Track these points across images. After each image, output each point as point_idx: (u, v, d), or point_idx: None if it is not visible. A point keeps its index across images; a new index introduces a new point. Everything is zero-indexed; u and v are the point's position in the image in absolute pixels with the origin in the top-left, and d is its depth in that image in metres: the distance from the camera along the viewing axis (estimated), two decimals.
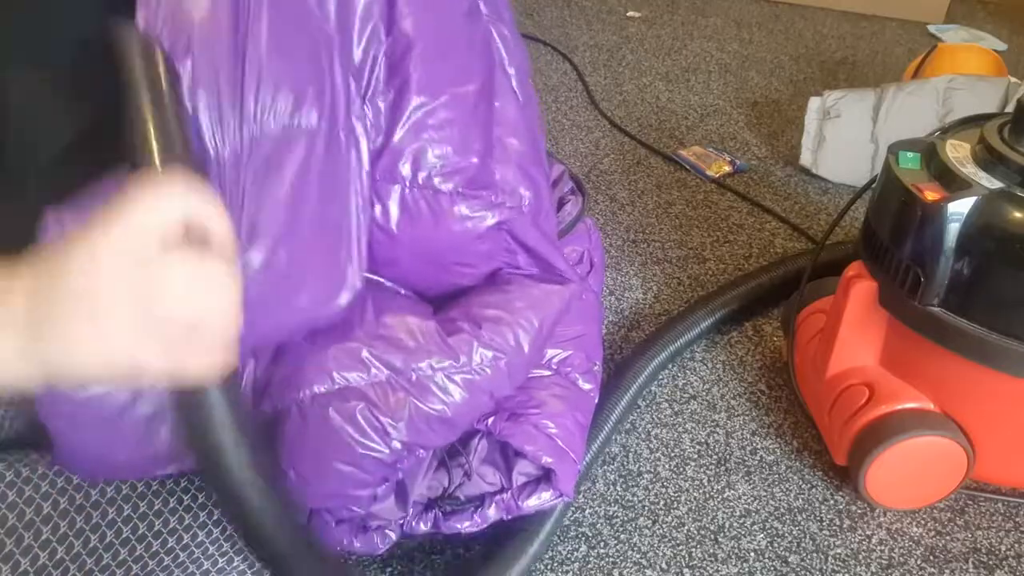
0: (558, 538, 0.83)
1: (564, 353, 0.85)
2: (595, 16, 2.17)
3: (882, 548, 0.84)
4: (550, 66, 1.87)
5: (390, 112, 0.70)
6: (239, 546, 0.71)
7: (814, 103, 1.44)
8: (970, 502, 0.89)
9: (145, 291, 0.39)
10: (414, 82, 0.69)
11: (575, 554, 0.82)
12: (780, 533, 0.85)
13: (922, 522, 0.87)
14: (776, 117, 1.69)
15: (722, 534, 0.85)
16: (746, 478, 0.91)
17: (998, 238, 0.73)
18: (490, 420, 0.76)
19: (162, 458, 0.64)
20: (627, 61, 1.92)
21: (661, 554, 0.83)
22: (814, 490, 0.90)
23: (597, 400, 0.87)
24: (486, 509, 0.75)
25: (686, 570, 0.81)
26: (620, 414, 0.93)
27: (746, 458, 0.93)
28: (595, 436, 0.90)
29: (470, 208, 0.73)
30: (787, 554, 0.83)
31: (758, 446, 0.95)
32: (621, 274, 1.21)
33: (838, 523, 0.87)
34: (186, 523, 0.69)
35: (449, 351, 0.69)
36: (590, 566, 0.81)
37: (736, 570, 0.82)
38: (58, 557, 0.60)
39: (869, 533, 0.86)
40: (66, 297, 0.38)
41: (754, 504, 0.88)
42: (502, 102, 0.77)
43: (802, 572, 0.82)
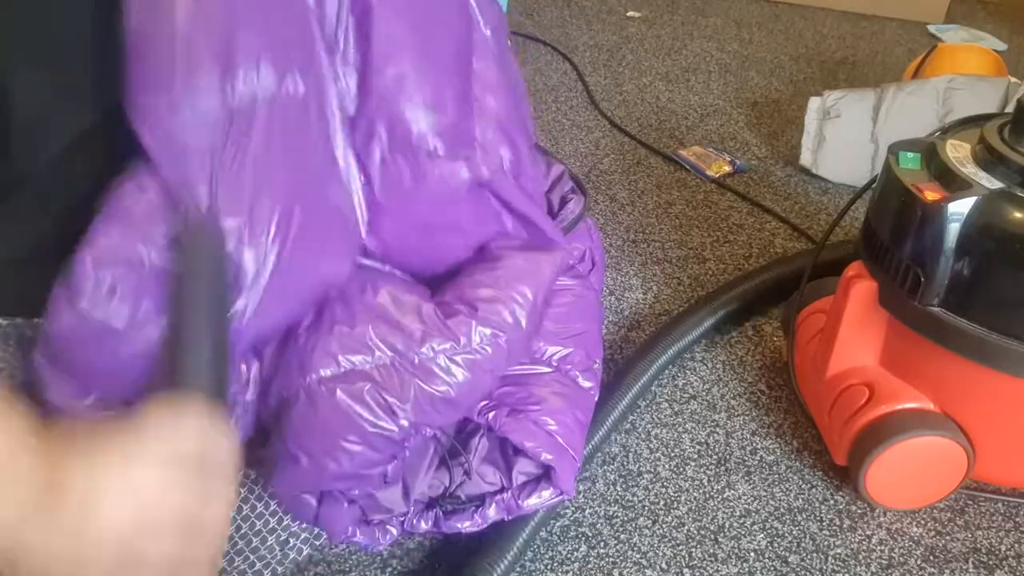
0: (558, 538, 0.84)
1: (565, 350, 0.85)
2: (595, 16, 2.17)
3: (882, 548, 0.84)
4: (550, 66, 1.87)
5: (363, 76, 0.70)
6: (240, 546, 0.72)
7: (814, 103, 1.44)
8: (970, 502, 0.89)
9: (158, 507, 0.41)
10: (385, 42, 0.69)
11: (575, 554, 0.82)
12: (780, 533, 0.85)
13: (922, 522, 0.87)
14: (776, 117, 1.69)
15: (722, 534, 0.85)
16: (746, 478, 0.91)
17: (998, 238, 0.73)
18: (491, 415, 0.76)
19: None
20: (627, 61, 1.92)
21: (661, 554, 0.83)
22: (814, 490, 0.90)
23: (597, 399, 0.87)
24: (487, 509, 0.76)
25: (686, 570, 0.81)
26: (620, 414, 0.93)
27: (746, 458, 0.93)
28: (594, 434, 0.90)
29: (450, 167, 0.72)
30: (787, 554, 0.83)
31: (758, 446, 0.95)
32: (621, 274, 1.21)
33: (838, 523, 0.87)
34: None
35: (449, 333, 0.69)
36: (590, 566, 0.81)
37: (736, 570, 0.82)
38: None
39: (869, 533, 0.86)
40: (83, 483, 0.40)
41: (754, 504, 0.88)
42: (481, 63, 0.77)
43: (802, 572, 0.82)
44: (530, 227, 0.79)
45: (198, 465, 0.43)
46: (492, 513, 0.76)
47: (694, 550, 0.83)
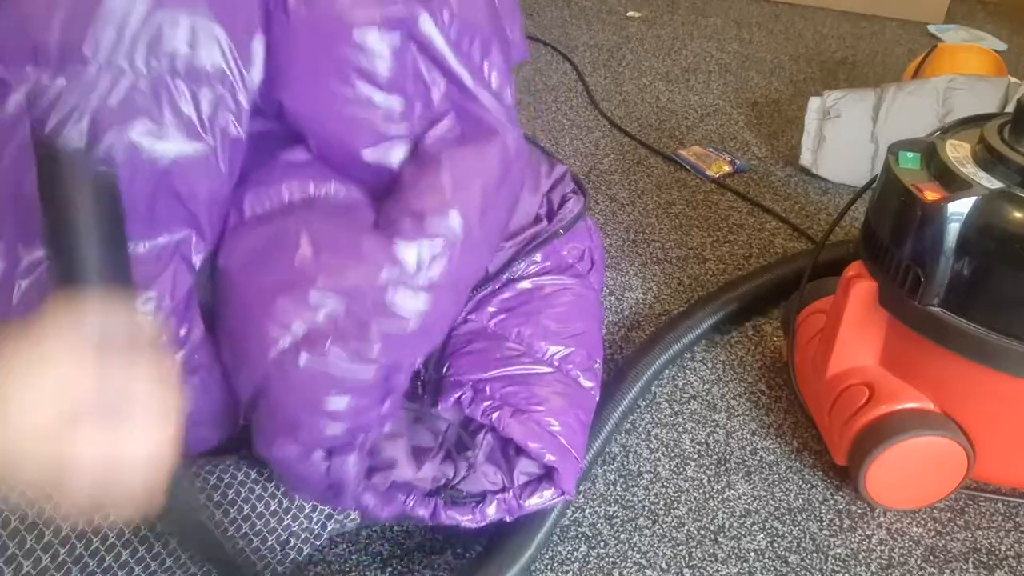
0: (558, 538, 0.84)
1: (566, 350, 0.85)
2: (595, 16, 2.17)
3: (882, 548, 0.84)
4: (550, 66, 1.87)
5: None
6: (240, 547, 0.72)
7: (814, 103, 1.44)
8: (970, 502, 0.89)
9: (72, 434, 0.39)
10: None
11: (575, 554, 0.82)
12: (780, 533, 0.85)
13: (922, 522, 0.87)
14: (776, 117, 1.69)
15: (722, 534, 0.85)
16: (746, 478, 0.91)
17: (998, 238, 0.73)
18: (495, 415, 0.76)
19: None
20: (627, 61, 1.92)
21: (661, 554, 0.83)
22: (814, 490, 0.90)
23: (598, 399, 0.87)
24: (487, 506, 0.75)
25: (686, 570, 0.81)
26: (621, 415, 0.93)
27: (746, 458, 0.93)
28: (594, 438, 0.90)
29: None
30: (787, 554, 0.83)
31: (758, 446, 0.95)
32: (621, 274, 1.21)
33: (838, 523, 0.87)
34: None
35: (394, 261, 0.65)
36: (590, 566, 0.81)
37: (736, 570, 0.82)
38: (60, 559, 0.60)
39: (869, 533, 0.86)
40: None
41: (754, 504, 0.88)
42: None
43: (802, 572, 0.82)
44: (464, 100, 0.73)
45: (112, 348, 0.41)
46: (492, 511, 0.75)
47: (694, 550, 0.83)
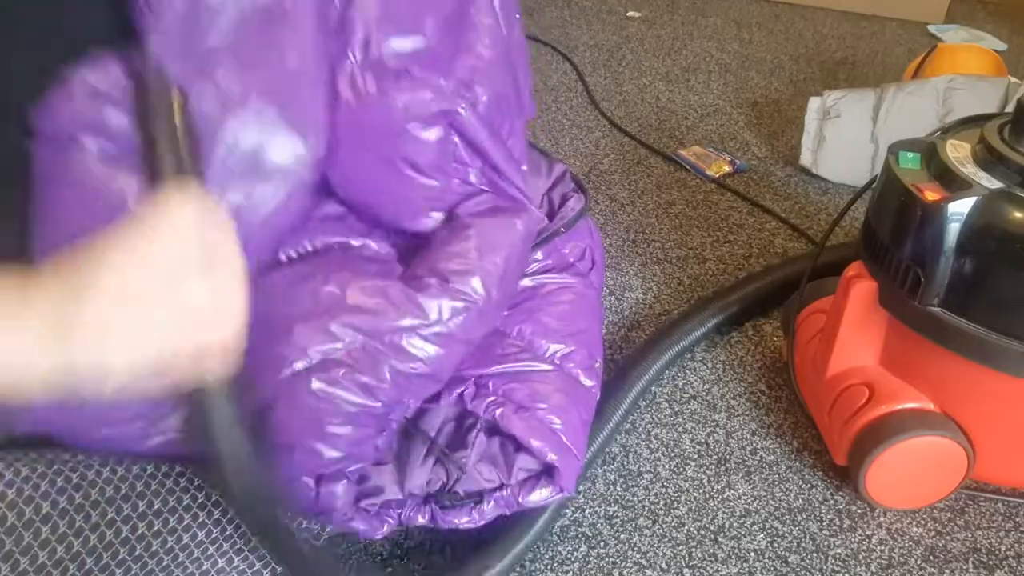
0: (558, 538, 0.84)
1: (566, 348, 0.85)
2: (595, 16, 2.17)
3: (882, 548, 0.84)
4: (550, 66, 1.87)
5: None
6: (239, 546, 0.71)
7: (814, 103, 1.44)
8: (970, 502, 0.89)
9: (175, 296, 0.44)
10: None
11: (575, 554, 0.82)
12: (780, 533, 0.85)
13: (922, 522, 0.87)
14: (776, 117, 1.69)
15: (722, 534, 0.85)
16: (746, 478, 0.91)
17: (998, 238, 0.73)
18: (498, 412, 0.76)
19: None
20: (627, 61, 1.92)
21: (661, 554, 0.83)
22: (814, 490, 0.90)
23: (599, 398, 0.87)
24: (484, 505, 0.75)
25: (686, 570, 0.81)
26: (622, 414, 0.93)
27: (746, 458, 0.93)
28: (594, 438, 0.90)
29: (418, 92, 0.72)
30: (787, 554, 0.83)
31: (758, 446, 0.95)
32: (621, 274, 1.21)
33: (838, 523, 0.87)
34: (185, 523, 0.69)
35: (417, 310, 0.70)
36: (590, 566, 0.81)
37: (736, 570, 0.82)
38: (57, 556, 0.60)
39: (869, 533, 0.86)
40: (102, 292, 0.42)
41: (754, 504, 0.88)
42: (479, 15, 0.77)
43: (802, 572, 0.82)
44: (497, 178, 0.79)
45: (200, 253, 0.45)
46: (490, 509, 0.75)
47: (694, 550, 0.83)
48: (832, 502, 0.89)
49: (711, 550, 0.83)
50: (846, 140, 1.41)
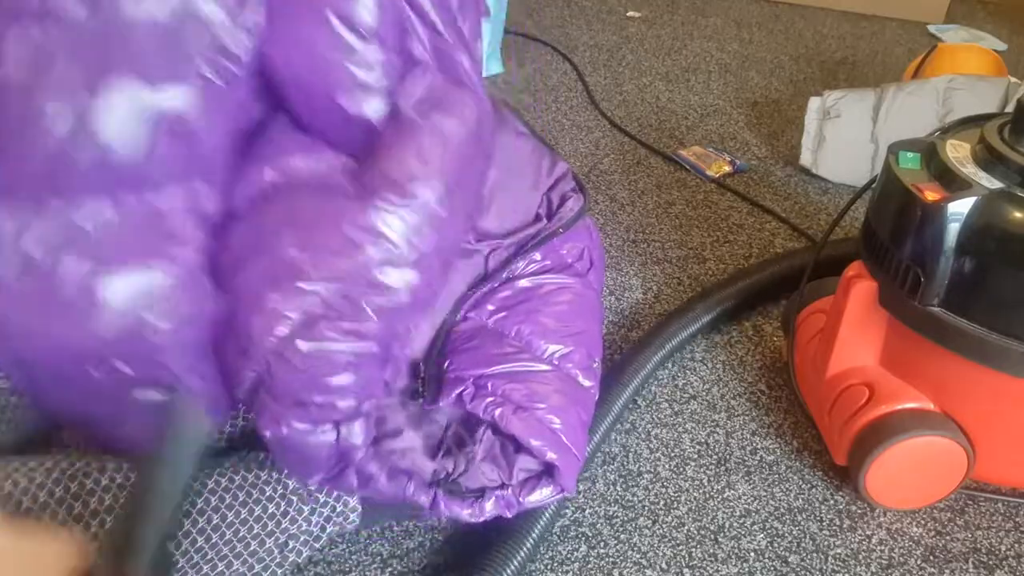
0: (558, 538, 0.84)
1: (565, 349, 0.85)
2: (595, 16, 2.18)
3: (882, 548, 0.84)
4: (550, 66, 1.87)
5: None
6: (238, 550, 0.72)
7: (814, 103, 1.44)
8: (970, 502, 0.89)
9: None
10: None
11: (575, 554, 0.82)
12: (780, 533, 0.85)
13: (922, 522, 0.87)
14: (776, 117, 1.69)
15: (722, 534, 0.85)
16: (746, 478, 0.91)
17: (998, 238, 0.73)
18: (497, 412, 0.76)
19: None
20: (627, 61, 1.92)
21: (661, 554, 0.83)
22: (814, 490, 0.90)
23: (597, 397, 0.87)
24: (485, 501, 0.75)
25: (686, 570, 0.81)
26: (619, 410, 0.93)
27: (746, 458, 0.93)
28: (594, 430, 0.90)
29: None
30: (787, 554, 0.83)
31: (758, 446, 0.95)
32: (621, 274, 1.21)
33: (838, 523, 0.87)
34: (185, 528, 0.69)
35: (378, 238, 0.65)
36: (590, 566, 0.81)
37: (736, 570, 0.82)
38: None
39: (869, 533, 0.86)
40: None
41: (754, 504, 0.88)
42: None
43: (802, 572, 0.82)
44: (442, 55, 0.73)
45: None
46: (490, 507, 0.75)
47: (694, 550, 0.83)
48: (832, 502, 0.89)
49: (711, 550, 0.83)
50: (846, 140, 1.41)
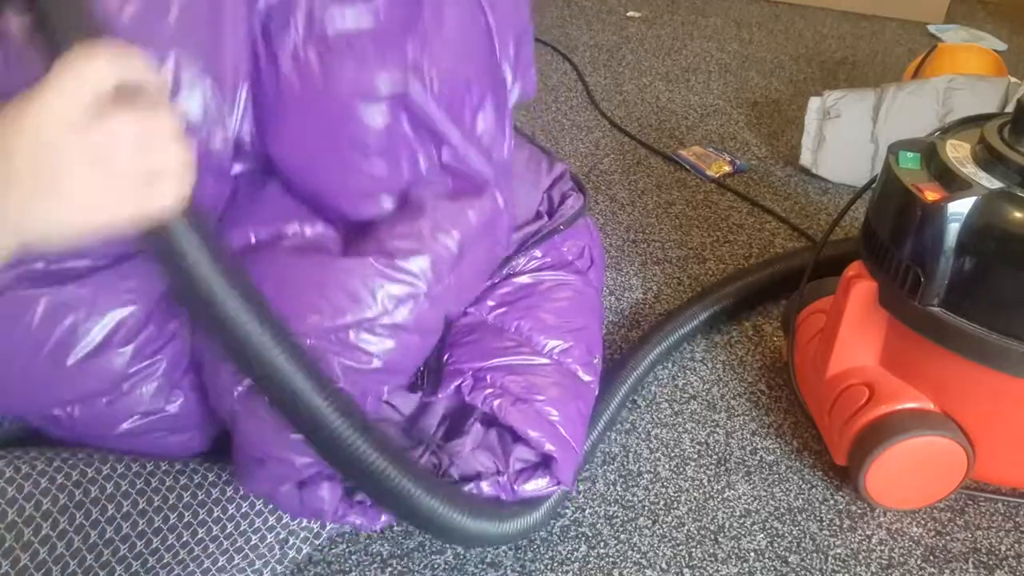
0: (558, 538, 0.83)
1: (564, 344, 0.85)
2: (595, 16, 2.17)
3: (882, 548, 0.84)
4: (550, 66, 1.87)
5: None
6: (239, 544, 0.72)
7: (814, 103, 1.44)
8: (970, 502, 0.89)
9: (97, 153, 0.41)
10: None
11: (575, 554, 0.82)
12: (780, 533, 0.85)
13: (922, 522, 0.87)
14: (776, 117, 1.69)
15: (722, 534, 0.85)
16: (746, 478, 0.91)
17: (998, 238, 0.73)
18: (496, 403, 0.76)
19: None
20: (627, 61, 1.92)
21: (661, 554, 0.83)
22: (814, 490, 0.90)
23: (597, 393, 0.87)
24: (480, 483, 0.75)
25: (686, 570, 0.81)
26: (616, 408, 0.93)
27: (746, 458, 0.93)
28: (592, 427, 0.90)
29: (367, 74, 0.66)
30: (787, 554, 0.83)
31: (758, 446, 0.95)
32: (621, 274, 1.21)
33: (838, 523, 0.87)
34: (186, 520, 0.69)
35: (359, 301, 0.65)
36: (590, 566, 0.81)
37: (736, 570, 0.82)
38: (57, 552, 0.60)
39: (869, 533, 0.86)
40: (18, 179, 0.40)
41: (754, 504, 0.88)
42: (453, 7, 0.71)
43: (802, 572, 0.82)
44: (455, 161, 0.73)
45: (119, 94, 0.42)
46: (486, 488, 0.75)
47: (694, 550, 0.83)
48: (832, 502, 0.89)
49: (711, 550, 0.83)
50: (846, 140, 1.41)
